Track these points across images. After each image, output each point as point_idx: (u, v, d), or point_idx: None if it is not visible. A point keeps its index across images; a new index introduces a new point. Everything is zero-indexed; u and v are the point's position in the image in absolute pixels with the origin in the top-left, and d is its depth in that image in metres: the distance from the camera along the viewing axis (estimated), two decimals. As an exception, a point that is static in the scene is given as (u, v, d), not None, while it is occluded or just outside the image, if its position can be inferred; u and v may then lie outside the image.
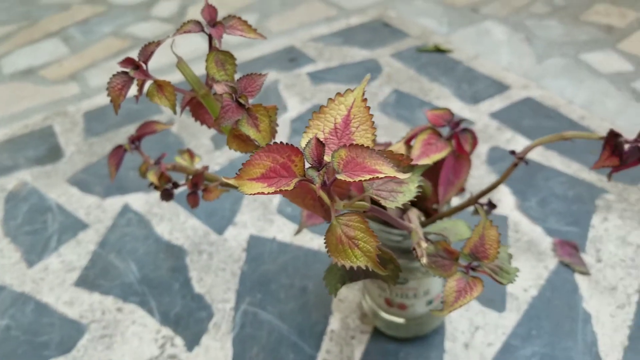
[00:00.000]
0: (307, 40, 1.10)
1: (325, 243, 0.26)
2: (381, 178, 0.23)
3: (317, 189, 0.23)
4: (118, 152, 0.42)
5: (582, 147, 0.75)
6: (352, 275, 0.32)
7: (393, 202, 0.27)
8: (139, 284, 0.59)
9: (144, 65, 0.33)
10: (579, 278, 0.58)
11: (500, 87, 0.89)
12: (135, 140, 0.43)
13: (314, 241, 0.62)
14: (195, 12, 1.29)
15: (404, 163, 0.28)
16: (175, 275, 0.60)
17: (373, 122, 0.27)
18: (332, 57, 1.04)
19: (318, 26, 1.16)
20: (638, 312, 0.54)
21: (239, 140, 0.32)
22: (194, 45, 1.14)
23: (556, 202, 0.67)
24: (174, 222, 0.67)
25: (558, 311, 0.54)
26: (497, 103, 0.86)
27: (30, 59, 1.14)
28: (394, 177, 0.23)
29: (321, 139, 0.27)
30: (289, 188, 0.23)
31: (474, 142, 0.42)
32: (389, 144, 0.46)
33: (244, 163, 0.25)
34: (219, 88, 0.31)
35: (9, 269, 0.63)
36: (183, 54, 0.43)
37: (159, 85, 0.33)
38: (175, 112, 0.33)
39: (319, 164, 0.24)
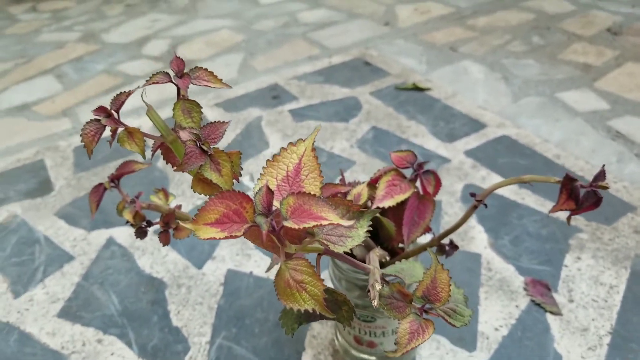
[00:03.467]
0: (290, 78, 1.14)
1: (274, 286, 0.28)
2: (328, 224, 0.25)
3: (265, 234, 0.26)
4: (98, 190, 0.44)
5: (556, 186, 0.78)
6: (307, 316, 0.34)
7: (342, 247, 0.29)
8: (119, 316, 0.61)
9: (115, 114, 0.35)
10: (550, 318, 0.58)
11: (476, 125, 0.93)
12: (115, 179, 0.45)
13: (290, 275, 0.64)
14: (184, 51, 1.34)
15: (353, 209, 0.31)
16: (154, 308, 0.62)
17: (321, 171, 0.29)
18: (314, 95, 1.07)
19: (301, 65, 1.21)
20: (609, 354, 0.54)
21: (203, 183, 0.34)
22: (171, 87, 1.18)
23: (529, 240, 0.69)
24: (156, 256, 0.69)
25: (529, 351, 0.55)
26: (473, 141, 0.89)
27: (25, 95, 1.18)
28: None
29: (274, 186, 0.30)
30: (239, 234, 0.26)
31: (437, 183, 0.44)
32: (355, 184, 0.49)
33: (200, 209, 0.27)
34: (184, 135, 0.34)
35: (-7, 302, 0.64)
36: (162, 94, 0.46)
37: (130, 132, 0.35)
38: (144, 157, 0.35)
39: (267, 211, 0.26)
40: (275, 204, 0.27)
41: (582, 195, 0.37)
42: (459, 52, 1.21)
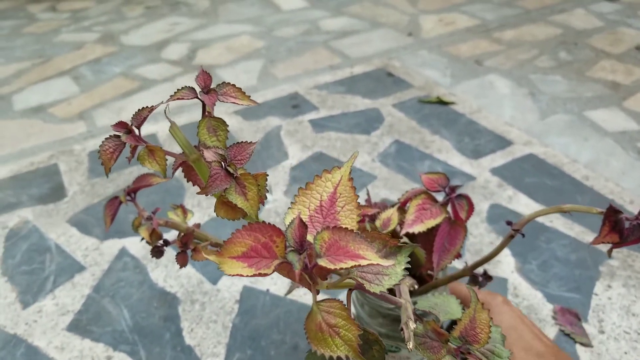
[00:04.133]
0: (311, 87, 1.12)
1: (305, 329, 0.25)
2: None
3: (298, 274, 0.23)
4: (113, 204, 0.42)
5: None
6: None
7: (378, 287, 0.27)
8: (130, 332, 0.58)
9: (136, 130, 0.33)
10: (580, 350, 0.56)
11: (502, 143, 0.90)
12: (131, 192, 0.43)
13: (307, 296, 0.62)
14: (204, 56, 1.32)
15: (390, 244, 0.28)
16: (167, 324, 0.59)
17: (359, 203, 0.27)
18: (335, 105, 1.05)
19: (322, 74, 1.18)
20: (639, 386, 0.52)
21: (227, 207, 0.32)
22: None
23: (558, 265, 0.66)
24: (169, 269, 0.66)
25: (556, 381, 0.52)
26: (499, 159, 0.86)
27: (41, 96, 1.17)
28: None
29: (306, 216, 0.27)
30: (269, 272, 0.23)
31: (470, 209, 0.41)
32: (382, 205, 0.46)
33: (226, 241, 0.25)
34: (208, 155, 0.31)
35: (3, 310, 0.62)
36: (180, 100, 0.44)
37: (150, 150, 0.33)
38: (165, 176, 0.33)
39: (300, 246, 0.24)
40: (309, 237, 0.25)
41: (627, 228, 0.35)
42: (485, 66, 1.18)
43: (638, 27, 1.34)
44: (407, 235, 0.41)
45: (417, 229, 0.39)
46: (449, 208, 0.42)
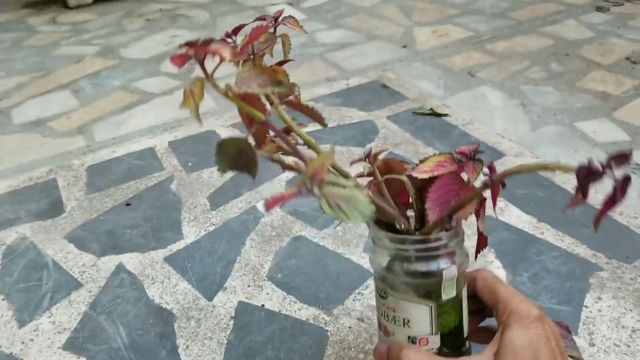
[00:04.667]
0: (308, 99, 1.13)
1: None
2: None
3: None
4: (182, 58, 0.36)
5: (576, 220, 0.75)
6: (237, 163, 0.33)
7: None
8: (126, 350, 0.59)
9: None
10: (569, 361, 0.57)
11: (494, 154, 0.91)
12: (233, 35, 0.39)
13: (302, 311, 0.63)
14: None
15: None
16: (162, 341, 0.60)
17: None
18: (331, 118, 1.06)
19: (319, 86, 1.20)
20: (627, 398, 0.53)
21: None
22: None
23: (549, 278, 0.67)
24: (166, 285, 0.68)
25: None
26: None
27: (41, 110, 1.18)
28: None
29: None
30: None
31: (476, 170, 0.39)
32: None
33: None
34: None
35: (0, 328, 0.63)
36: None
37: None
38: (198, 119, 0.32)
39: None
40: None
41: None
42: (477, 77, 1.19)
43: (628, 37, 1.36)
44: (418, 190, 0.39)
45: (423, 175, 0.38)
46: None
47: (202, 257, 0.72)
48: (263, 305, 0.64)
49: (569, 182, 0.83)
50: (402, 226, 0.39)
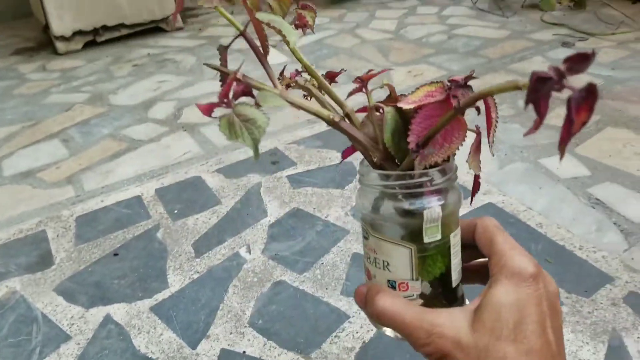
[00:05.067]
0: (289, 142, 1.19)
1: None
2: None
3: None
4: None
5: (539, 255, 0.80)
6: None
7: None
8: (113, 399, 0.63)
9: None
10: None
11: (464, 193, 0.96)
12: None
13: (281, 356, 0.66)
14: (189, 114, 1.39)
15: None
16: (148, 389, 0.63)
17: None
18: (312, 160, 1.11)
19: (301, 128, 1.25)
20: None
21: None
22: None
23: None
24: (151, 335, 0.71)
25: None
26: (460, 209, 0.91)
27: (31, 160, 1.22)
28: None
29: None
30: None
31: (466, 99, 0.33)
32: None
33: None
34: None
35: (-8, 383, 0.66)
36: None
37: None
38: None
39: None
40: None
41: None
42: (449, 117, 1.25)
43: (590, 72, 1.43)
44: (402, 116, 0.36)
45: (410, 105, 0.34)
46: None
47: (186, 305, 0.75)
48: (244, 352, 0.67)
49: (533, 219, 0.88)
50: (375, 159, 0.36)
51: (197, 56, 1.84)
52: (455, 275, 0.38)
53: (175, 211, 0.98)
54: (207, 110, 0.30)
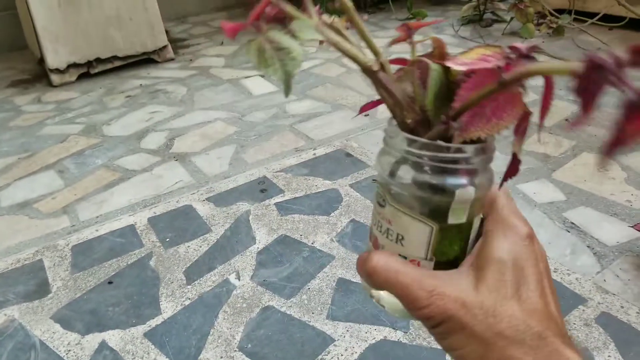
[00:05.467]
0: (277, 170, 1.23)
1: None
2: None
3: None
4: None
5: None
6: None
7: None
8: (108, 423, 0.65)
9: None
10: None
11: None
12: None
13: (268, 378, 0.69)
14: (180, 144, 1.43)
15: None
16: (141, 413, 0.66)
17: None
18: (299, 188, 1.15)
19: (288, 157, 1.30)
20: None
21: None
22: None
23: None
24: (145, 360, 0.74)
25: None
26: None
27: (27, 191, 1.26)
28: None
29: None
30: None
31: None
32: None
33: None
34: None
35: (-9, 410, 0.69)
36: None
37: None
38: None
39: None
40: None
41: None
42: (432, 144, 1.30)
43: (568, 98, 1.49)
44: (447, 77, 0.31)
45: (460, 67, 0.29)
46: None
47: (178, 331, 0.78)
48: (233, 375, 0.70)
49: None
50: (408, 121, 0.32)
51: (187, 87, 1.90)
52: (466, 257, 0.35)
53: (167, 239, 1.01)
54: (232, 31, 0.27)
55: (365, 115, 1.51)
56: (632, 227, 0.90)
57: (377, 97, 0.33)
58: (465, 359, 0.29)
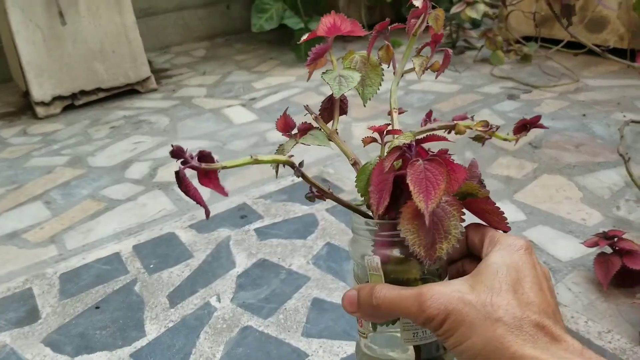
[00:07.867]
0: (257, 197, 1.30)
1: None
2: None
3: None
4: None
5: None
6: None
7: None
8: None
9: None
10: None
11: (413, 239, 1.07)
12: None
13: (246, 392, 0.75)
14: (164, 173, 1.49)
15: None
16: None
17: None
18: (278, 213, 1.22)
19: (267, 183, 1.36)
20: None
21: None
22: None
23: None
24: (131, 379, 0.79)
25: None
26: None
27: (16, 222, 1.30)
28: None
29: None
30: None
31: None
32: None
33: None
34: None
35: None
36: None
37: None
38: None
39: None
40: None
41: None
42: (402, 169, 1.38)
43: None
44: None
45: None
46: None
47: (162, 351, 0.84)
48: (214, 390, 0.75)
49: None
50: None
51: (170, 117, 1.96)
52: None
53: (151, 265, 1.07)
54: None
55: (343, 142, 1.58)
56: (582, 243, 0.98)
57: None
58: (470, 351, 0.31)
